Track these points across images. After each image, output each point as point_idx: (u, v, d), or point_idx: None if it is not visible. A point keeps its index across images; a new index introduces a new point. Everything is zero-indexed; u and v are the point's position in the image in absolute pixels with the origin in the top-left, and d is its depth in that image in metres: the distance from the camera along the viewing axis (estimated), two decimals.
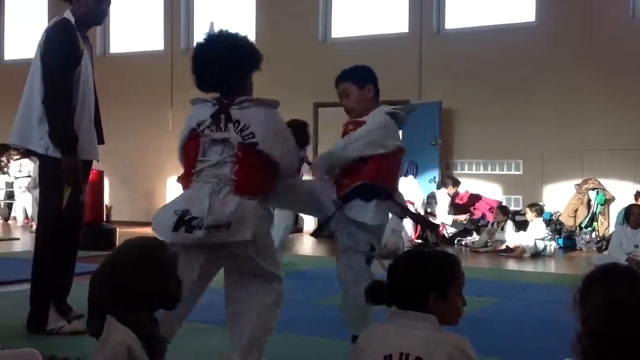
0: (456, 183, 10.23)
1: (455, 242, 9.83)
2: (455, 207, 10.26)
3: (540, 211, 9.16)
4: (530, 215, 9.08)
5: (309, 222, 11.91)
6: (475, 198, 10.35)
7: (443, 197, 10.18)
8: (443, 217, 10.00)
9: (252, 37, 12.76)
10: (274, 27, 12.39)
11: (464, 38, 10.95)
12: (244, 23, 12.95)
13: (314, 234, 3.96)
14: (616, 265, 1.95)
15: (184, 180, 3.02)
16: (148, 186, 13.25)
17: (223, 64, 3.18)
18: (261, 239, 2.91)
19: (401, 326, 1.99)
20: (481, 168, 10.60)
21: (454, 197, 10.24)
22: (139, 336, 1.94)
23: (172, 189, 13.07)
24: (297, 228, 11.95)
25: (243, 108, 3.03)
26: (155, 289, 2.03)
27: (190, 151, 3.05)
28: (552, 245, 8.99)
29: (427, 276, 2.04)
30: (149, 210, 13.16)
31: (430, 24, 11.21)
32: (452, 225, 10.04)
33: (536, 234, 8.89)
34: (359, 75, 3.72)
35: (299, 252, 9.26)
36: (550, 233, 9.12)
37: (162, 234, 2.80)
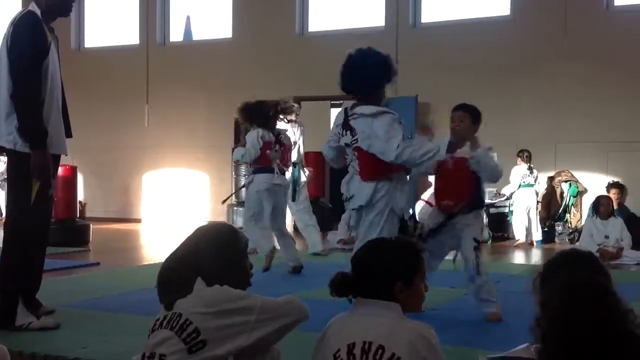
0: None
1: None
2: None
3: (529, 157, 9.50)
4: (518, 160, 9.52)
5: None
6: None
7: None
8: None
9: (228, 32, 12.71)
10: (250, 21, 12.35)
11: (440, 32, 10.99)
12: (220, 17, 12.90)
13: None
14: (575, 250, 1.98)
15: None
16: (123, 182, 13.15)
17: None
18: None
19: (366, 315, 2.01)
20: None
21: None
22: None
23: (148, 185, 13.00)
24: None
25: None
26: (235, 270, 2.17)
27: None
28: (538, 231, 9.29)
29: (393, 266, 2.05)
30: (124, 207, 13.10)
31: (406, 18, 11.23)
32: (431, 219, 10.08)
33: (516, 178, 9.36)
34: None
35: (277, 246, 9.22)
36: (527, 180, 9.39)
37: None
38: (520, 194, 9.42)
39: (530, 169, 9.60)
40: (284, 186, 6.26)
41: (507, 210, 9.88)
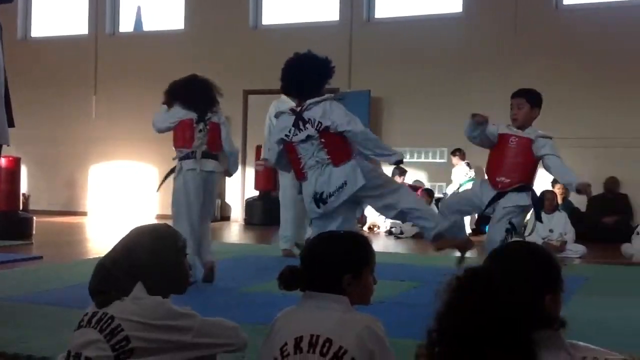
0: (403, 172, 10.27)
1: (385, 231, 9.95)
2: None
3: (463, 155, 9.90)
4: (455, 159, 9.82)
5: (236, 211, 11.85)
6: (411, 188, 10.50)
7: None
8: None
9: (180, 23, 12.52)
10: (203, 13, 12.20)
11: (393, 27, 11.05)
12: (172, 8, 12.70)
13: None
14: (518, 241, 1.98)
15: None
16: (69, 175, 12.86)
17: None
18: None
19: (314, 308, 2.00)
20: (408, 156, 10.72)
21: None
22: None
23: (95, 178, 12.75)
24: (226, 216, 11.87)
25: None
26: (172, 273, 2.11)
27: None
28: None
29: (342, 259, 2.04)
30: (69, 200, 12.81)
31: (360, 12, 11.26)
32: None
33: (459, 177, 9.65)
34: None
35: (227, 239, 9.17)
36: (470, 175, 9.71)
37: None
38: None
39: (468, 164, 9.95)
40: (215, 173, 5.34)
41: None
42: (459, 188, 9.72)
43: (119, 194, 12.50)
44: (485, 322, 1.46)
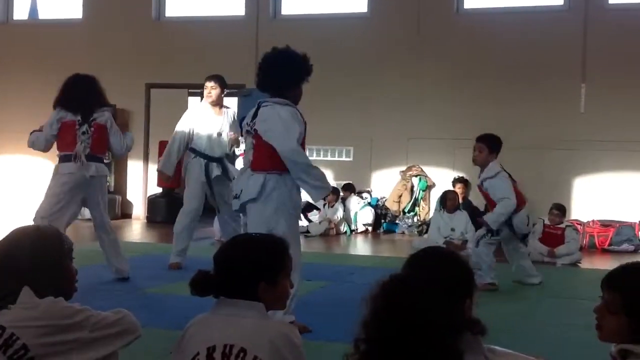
0: None
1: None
2: None
3: (353, 189, 10.23)
4: (345, 194, 10.10)
5: (138, 208, 11.52)
6: None
7: None
8: None
9: (78, 13, 11.94)
10: (102, 1, 11.75)
11: (300, 24, 11.04)
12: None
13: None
14: (436, 248, 1.98)
15: None
16: None
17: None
18: None
19: (227, 316, 1.94)
20: (314, 154, 10.78)
21: None
22: None
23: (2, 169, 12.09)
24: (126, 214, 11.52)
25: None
26: (59, 276, 2.00)
27: None
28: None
29: (258, 265, 1.98)
30: None
31: (267, 8, 11.18)
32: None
33: (354, 207, 9.92)
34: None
35: (128, 238, 8.89)
36: (365, 201, 10.02)
37: None
38: None
39: (359, 194, 10.32)
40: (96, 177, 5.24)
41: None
42: (355, 215, 9.92)
43: (11, 191, 11.87)
44: (411, 329, 1.45)
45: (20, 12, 12.47)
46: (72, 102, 5.07)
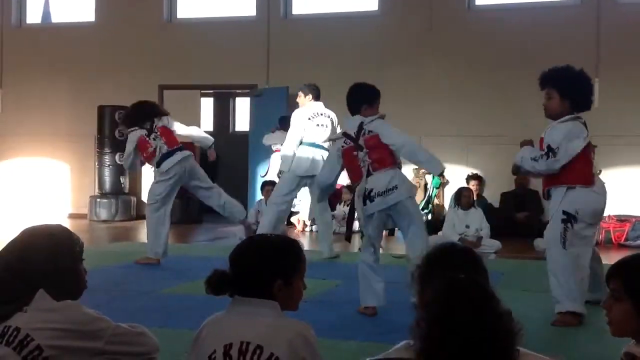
0: None
1: None
2: None
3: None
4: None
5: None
6: None
7: None
8: None
9: (91, 16, 12.02)
10: (115, 4, 11.82)
11: (311, 24, 11.05)
12: (83, 2, 12.24)
13: None
14: (455, 246, 1.99)
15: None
16: None
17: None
18: None
19: (243, 314, 1.95)
20: None
21: None
22: None
23: (6, 175, 12.18)
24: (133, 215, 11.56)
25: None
26: (69, 278, 2.01)
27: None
28: None
29: (274, 265, 2.00)
30: None
31: (278, 8, 11.20)
32: None
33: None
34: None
35: (143, 239, 8.92)
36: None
37: None
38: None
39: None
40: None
41: None
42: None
43: (28, 193, 11.97)
44: (481, 333, 1.48)
45: (34, 16, 12.57)
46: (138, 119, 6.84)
